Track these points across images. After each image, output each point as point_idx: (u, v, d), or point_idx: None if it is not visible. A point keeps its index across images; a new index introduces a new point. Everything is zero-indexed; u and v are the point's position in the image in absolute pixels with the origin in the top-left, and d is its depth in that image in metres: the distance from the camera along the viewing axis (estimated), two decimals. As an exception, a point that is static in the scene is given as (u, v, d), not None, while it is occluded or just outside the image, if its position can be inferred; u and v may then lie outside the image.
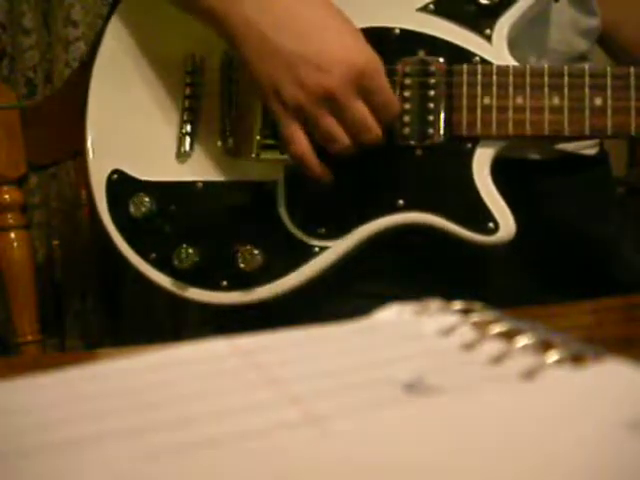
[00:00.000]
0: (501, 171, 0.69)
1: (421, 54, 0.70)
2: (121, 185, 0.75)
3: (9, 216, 0.91)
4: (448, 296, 0.34)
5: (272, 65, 0.64)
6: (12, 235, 0.91)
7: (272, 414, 0.23)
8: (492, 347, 0.28)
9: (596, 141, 0.86)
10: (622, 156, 1.90)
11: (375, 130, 0.66)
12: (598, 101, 0.66)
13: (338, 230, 0.71)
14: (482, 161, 0.69)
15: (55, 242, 1.26)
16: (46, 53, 1.30)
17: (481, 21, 0.70)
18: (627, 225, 0.91)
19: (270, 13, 0.65)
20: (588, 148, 0.85)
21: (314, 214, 0.71)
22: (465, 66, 0.69)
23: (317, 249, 0.71)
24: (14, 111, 0.91)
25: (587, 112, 0.67)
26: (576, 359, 0.26)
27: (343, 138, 0.65)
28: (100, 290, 0.98)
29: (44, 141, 0.93)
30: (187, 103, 0.75)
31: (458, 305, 0.33)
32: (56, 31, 1.28)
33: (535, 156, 0.80)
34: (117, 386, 0.26)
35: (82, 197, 0.97)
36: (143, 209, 0.74)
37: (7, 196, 0.91)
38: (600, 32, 0.85)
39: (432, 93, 0.69)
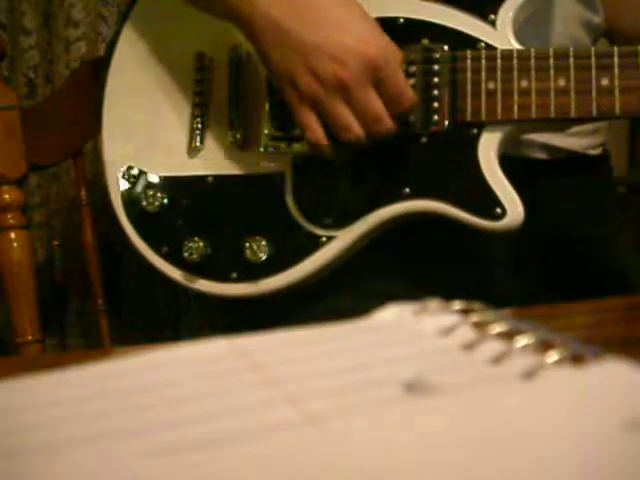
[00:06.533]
0: (505, 170, 0.69)
1: (425, 42, 0.70)
2: (135, 180, 0.76)
3: (9, 216, 0.91)
4: (448, 296, 0.34)
5: (288, 54, 0.65)
6: (12, 235, 0.91)
7: (271, 414, 0.23)
8: (492, 347, 0.28)
9: (601, 141, 0.86)
10: (622, 156, 1.89)
11: (387, 122, 0.66)
12: (605, 81, 0.65)
13: (344, 220, 0.71)
14: (488, 146, 0.68)
15: (55, 242, 1.26)
16: (46, 53, 1.30)
17: (485, 7, 0.70)
18: (627, 225, 0.91)
19: (286, 2, 0.65)
20: (592, 148, 0.85)
21: (321, 204, 0.72)
22: (469, 51, 0.68)
23: (324, 239, 0.71)
24: (14, 111, 0.91)
25: (594, 93, 0.66)
26: (576, 359, 0.26)
27: (356, 128, 0.65)
28: (100, 289, 0.98)
29: (44, 141, 0.93)
30: (197, 99, 0.77)
31: (458, 305, 0.33)
32: (56, 31, 1.28)
33: (540, 155, 0.80)
34: (117, 386, 0.26)
35: (82, 197, 0.97)
36: (156, 203, 0.75)
37: (7, 196, 0.91)
38: (602, 30, 0.85)
39: (436, 80, 0.69)
